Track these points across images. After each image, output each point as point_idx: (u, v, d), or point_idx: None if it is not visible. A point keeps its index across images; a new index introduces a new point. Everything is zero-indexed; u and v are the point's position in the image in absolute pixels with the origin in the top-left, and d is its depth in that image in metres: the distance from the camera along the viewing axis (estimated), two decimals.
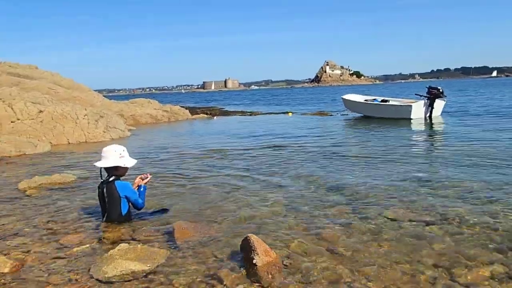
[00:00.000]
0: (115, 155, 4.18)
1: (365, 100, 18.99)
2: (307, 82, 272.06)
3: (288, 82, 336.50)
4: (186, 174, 6.96)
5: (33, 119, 12.36)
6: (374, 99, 18.94)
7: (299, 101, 43.28)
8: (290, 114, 23.95)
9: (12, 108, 12.39)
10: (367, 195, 5.20)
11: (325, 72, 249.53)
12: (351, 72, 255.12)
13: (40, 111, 12.68)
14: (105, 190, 4.15)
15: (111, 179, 4.17)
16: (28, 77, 19.88)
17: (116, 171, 4.19)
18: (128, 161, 4.25)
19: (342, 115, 20.71)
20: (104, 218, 4.25)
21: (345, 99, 19.68)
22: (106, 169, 4.20)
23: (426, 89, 16.74)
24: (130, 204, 4.26)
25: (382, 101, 18.37)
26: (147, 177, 4.50)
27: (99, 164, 4.19)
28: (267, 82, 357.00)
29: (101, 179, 4.22)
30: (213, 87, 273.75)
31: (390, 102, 18.04)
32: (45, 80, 20.13)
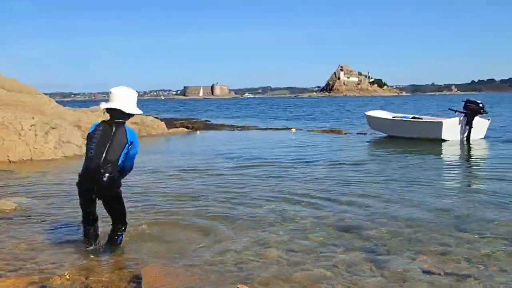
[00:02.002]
0: (135, 101, 4.84)
1: (393, 117, 19.21)
2: (315, 91, 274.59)
3: (292, 90, 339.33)
4: (158, 205, 6.96)
5: None
6: (404, 117, 19.17)
7: (305, 114, 43.63)
8: (293, 130, 24.05)
9: None
10: (390, 239, 5.22)
11: (339, 79, 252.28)
12: (371, 80, 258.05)
13: None
14: (114, 129, 4.62)
15: (120, 121, 4.70)
16: None
17: (127, 118, 4.77)
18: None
19: (359, 133, 20.84)
20: (101, 160, 4.53)
21: (370, 116, 19.89)
22: (116, 113, 4.68)
23: (463, 103, 16.91)
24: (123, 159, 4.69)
25: (413, 118, 18.58)
26: None
27: (116, 105, 4.64)
28: (265, 90, 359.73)
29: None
30: (201, 93, 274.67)
31: (422, 119, 18.21)
32: None
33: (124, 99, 4.72)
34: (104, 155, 4.55)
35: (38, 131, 13.21)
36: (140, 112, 4.90)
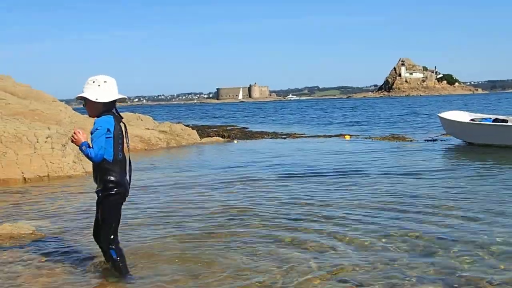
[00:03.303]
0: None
1: (471, 120, 18.72)
2: (372, 91, 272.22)
3: (344, 90, 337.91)
4: (188, 233, 7.00)
5: None
6: (484, 119, 18.61)
7: (360, 118, 43.32)
8: (347, 137, 23.91)
9: None
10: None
11: (400, 75, 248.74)
12: (439, 76, 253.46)
13: None
14: (124, 126, 4.92)
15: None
16: None
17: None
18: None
19: (427, 140, 20.49)
20: (128, 165, 4.93)
21: (444, 118, 19.46)
22: (113, 104, 4.93)
23: None
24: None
25: (495, 120, 17.99)
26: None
27: (115, 96, 4.86)
28: (312, 90, 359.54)
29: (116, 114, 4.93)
30: (240, 95, 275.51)
31: (508, 122, 17.60)
32: None
33: (115, 88, 4.92)
34: (128, 157, 4.87)
35: (55, 143, 13.56)
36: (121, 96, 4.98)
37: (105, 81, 4.78)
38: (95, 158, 4.59)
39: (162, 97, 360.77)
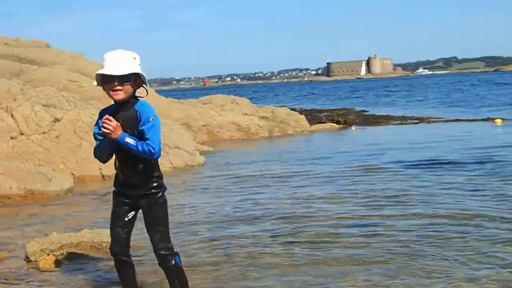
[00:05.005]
0: None
1: None
2: None
3: (490, 61, 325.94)
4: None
5: (44, 133, 13.28)
6: None
7: None
8: (498, 121, 23.08)
9: (12, 116, 13.46)
10: None
11: None
12: None
13: (56, 120, 13.59)
14: None
15: None
16: (36, 62, 21.71)
17: None
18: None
19: None
20: None
21: None
22: None
23: None
24: None
25: None
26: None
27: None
28: (448, 62, 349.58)
29: None
30: (362, 70, 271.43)
31: None
32: (62, 66, 21.78)
33: None
34: None
35: None
36: None
37: (134, 57, 4.72)
38: (159, 153, 4.56)
39: (260, 74, 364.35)
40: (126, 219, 4.78)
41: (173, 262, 4.73)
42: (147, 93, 4.80)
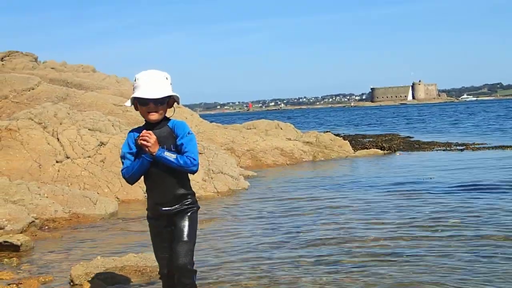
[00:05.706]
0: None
1: None
2: None
3: None
4: None
5: (90, 157, 13.43)
6: None
7: None
8: None
9: (58, 139, 13.64)
10: None
11: None
12: None
13: (101, 144, 13.75)
14: None
15: None
16: (82, 86, 22.08)
17: None
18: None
19: None
20: None
21: None
22: None
23: None
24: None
25: None
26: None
27: None
28: (493, 89, 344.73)
29: None
30: (410, 96, 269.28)
31: None
32: (108, 91, 22.08)
33: None
34: None
35: None
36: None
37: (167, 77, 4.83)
38: (198, 165, 4.66)
39: (304, 100, 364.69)
40: (166, 244, 4.77)
41: (192, 280, 4.68)
42: (174, 112, 4.81)
